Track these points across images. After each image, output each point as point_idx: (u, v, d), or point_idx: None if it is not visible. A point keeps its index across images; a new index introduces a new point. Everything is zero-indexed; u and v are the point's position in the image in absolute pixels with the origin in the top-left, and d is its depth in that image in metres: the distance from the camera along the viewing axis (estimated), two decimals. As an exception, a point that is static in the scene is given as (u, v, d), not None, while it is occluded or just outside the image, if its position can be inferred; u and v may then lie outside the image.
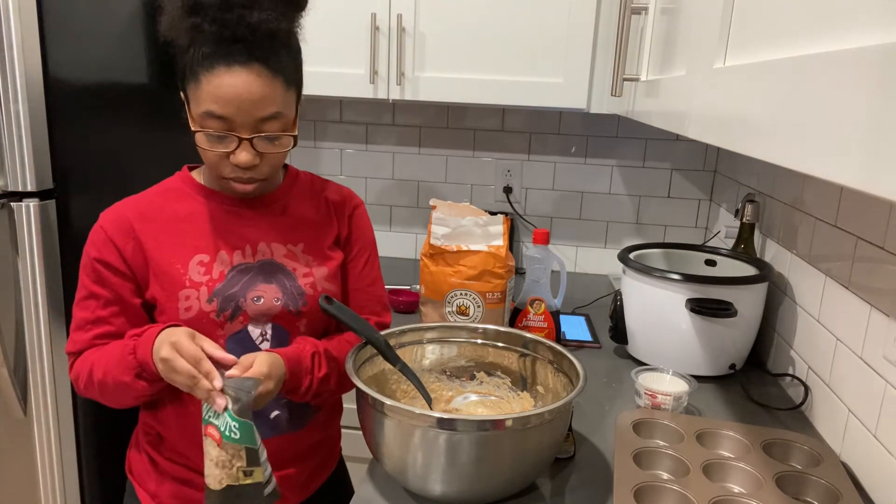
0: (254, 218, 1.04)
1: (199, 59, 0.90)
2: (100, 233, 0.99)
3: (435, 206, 1.81)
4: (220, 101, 0.89)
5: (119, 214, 1.00)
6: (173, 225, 1.01)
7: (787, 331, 1.34)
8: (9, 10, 1.33)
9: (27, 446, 1.52)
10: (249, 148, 0.92)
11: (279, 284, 1.02)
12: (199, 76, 0.90)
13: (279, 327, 1.03)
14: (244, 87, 0.89)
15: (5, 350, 1.46)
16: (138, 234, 0.99)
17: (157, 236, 1.00)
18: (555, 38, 1.66)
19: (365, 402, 0.92)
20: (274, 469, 0.95)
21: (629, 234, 2.11)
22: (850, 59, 0.38)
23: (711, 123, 0.68)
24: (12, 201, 1.41)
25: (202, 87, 0.89)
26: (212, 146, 0.93)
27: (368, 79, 1.73)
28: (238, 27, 0.88)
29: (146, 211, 1.01)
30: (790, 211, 1.38)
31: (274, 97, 0.91)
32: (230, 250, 1.01)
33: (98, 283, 0.99)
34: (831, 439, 1.11)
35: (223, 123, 0.91)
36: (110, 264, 0.99)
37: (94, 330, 1.00)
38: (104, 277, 0.99)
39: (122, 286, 0.99)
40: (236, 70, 0.88)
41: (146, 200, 1.03)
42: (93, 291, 1.00)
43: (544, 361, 1.08)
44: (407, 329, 1.12)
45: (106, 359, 0.97)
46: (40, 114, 1.41)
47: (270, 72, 0.90)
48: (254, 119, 0.91)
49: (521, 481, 0.92)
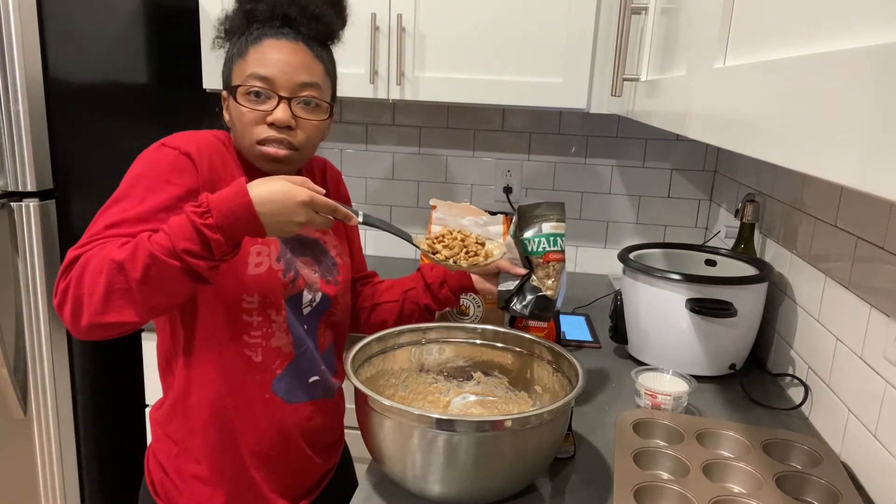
0: None
1: (249, 39, 0.98)
2: (175, 156, 0.94)
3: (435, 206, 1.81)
4: (265, 63, 0.97)
5: (201, 139, 0.98)
6: (240, 169, 1.02)
7: (787, 331, 1.34)
8: (9, 10, 1.33)
9: (27, 446, 1.52)
10: (287, 108, 0.98)
11: (314, 258, 1.09)
12: (246, 52, 0.98)
13: (325, 296, 1.08)
14: (289, 53, 0.98)
15: (5, 350, 1.46)
16: (219, 168, 0.98)
17: (232, 173, 1.00)
18: (555, 37, 1.66)
19: (364, 403, 0.92)
20: (307, 433, 1.08)
21: (629, 234, 2.11)
22: (850, 59, 0.38)
23: (711, 123, 0.68)
24: (12, 201, 1.41)
25: (248, 59, 0.98)
26: (253, 105, 0.97)
27: (368, 79, 1.73)
28: (290, 7, 0.98)
29: (221, 149, 1.01)
30: (790, 211, 1.38)
31: (315, 70, 1.00)
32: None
33: (158, 200, 0.91)
34: (831, 439, 1.11)
35: (265, 84, 0.97)
36: (186, 187, 0.93)
37: (127, 229, 0.88)
38: (168, 195, 0.92)
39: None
40: (283, 42, 0.98)
41: (214, 140, 1.01)
42: (144, 200, 0.91)
43: (543, 361, 1.08)
44: (406, 329, 1.12)
45: (141, 239, 0.83)
46: (40, 114, 1.41)
47: (313, 54, 1.01)
48: (294, 83, 0.98)
49: (520, 482, 0.92)
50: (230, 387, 1.02)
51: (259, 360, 1.02)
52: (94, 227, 0.89)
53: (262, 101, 0.98)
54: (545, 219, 1.09)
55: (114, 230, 0.88)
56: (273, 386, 1.03)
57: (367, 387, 0.90)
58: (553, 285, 1.10)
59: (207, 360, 1.01)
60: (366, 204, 2.20)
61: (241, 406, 1.02)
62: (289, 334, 1.03)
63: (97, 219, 0.91)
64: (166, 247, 0.81)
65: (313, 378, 1.08)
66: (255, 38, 0.99)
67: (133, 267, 0.81)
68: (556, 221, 1.10)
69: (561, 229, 1.10)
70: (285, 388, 1.04)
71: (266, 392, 1.03)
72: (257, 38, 0.99)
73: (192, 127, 1.02)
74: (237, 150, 1.04)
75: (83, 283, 0.82)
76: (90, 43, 1.56)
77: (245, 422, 1.03)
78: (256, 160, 1.02)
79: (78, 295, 0.83)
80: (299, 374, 1.06)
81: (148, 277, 0.81)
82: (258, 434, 1.04)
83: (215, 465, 1.03)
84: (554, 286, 1.10)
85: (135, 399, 1.69)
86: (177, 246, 0.81)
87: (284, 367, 1.04)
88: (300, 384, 1.06)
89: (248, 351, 1.01)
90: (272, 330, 1.02)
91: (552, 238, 1.09)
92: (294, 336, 1.04)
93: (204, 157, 0.96)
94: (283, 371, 1.04)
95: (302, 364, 1.06)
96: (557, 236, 1.09)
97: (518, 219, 1.11)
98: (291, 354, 1.04)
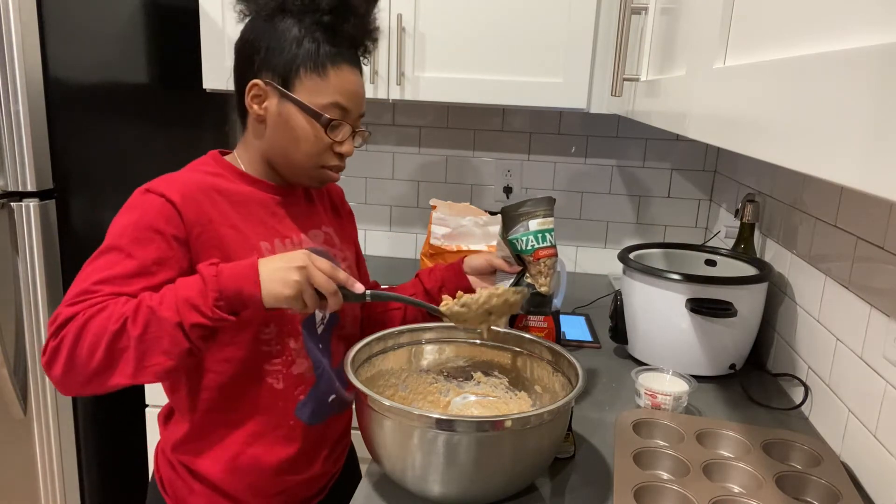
0: (292, 206, 1.05)
1: (324, 53, 0.96)
2: (161, 203, 0.90)
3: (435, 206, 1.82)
4: (347, 94, 0.98)
5: (183, 187, 0.93)
6: (237, 206, 0.98)
7: (787, 331, 1.34)
8: (9, 10, 1.33)
9: (27, 446, 1.52)
10: (352, 138, 1.02)
11: None
12: (325, 69, 0.96)
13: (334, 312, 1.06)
14: (361, 85, 1.01)
15: (5, 350, 1.46)
16: (208, 210, 0.94)
17: (227, 215, 0.96)
18: (555, 37, 1.66)
19: (363, 403, 0.92)
20: (323, 447, 1.08)
21: (629, 234, 2.11)
22: (850, 59, 0.38)
23: (711, 123, 0.68)
24: (12, 201, 1.41)
25: (330, 80, 0.96)
26: (332, 134, 0.98)
27: (368, 79, 1.73)
28: (367, 39, 1.01)
29: (207, 188, 0.96)
30: (790, 211, 1.38)
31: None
32: (282, 239, 1.01)
33: (148, 251, 0.88)
34: (831, 439, 1.11)
35: (343, 114, 0.98)
36: (173, 236, 0.90)
37: (118, 288, 0.86)
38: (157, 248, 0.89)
39: (175, 261, 0.90)
40: (356, 71, 1.00)
41: (198, 178, 0.97)
42: (133, 253, 0.88)
43: (542, 361, 1.08)
44: (406, 329, 1.12)
45: (138, 301, 0.83)
46: (40, 114, 1.41)
47: (362, 79, 1.03)
48: (359, 115, 1.02)
49: (520, 482, 0.92)
50: (249, 414, 1.00)
51: (281, 388, 1.00)
52: (84, 282, 0.86)
53: (335, 129, 0.98)
54: (531, 216, 1.09)
55: (106, 286, 0.85)
56: (297, 412, 1.02)
57: (367, 387, 0.90)
58: (546, 282, 1.10)
59: (224, 385, 0.98)
60: (366, 204, 2.20)
61: (260, 431, 1.01)
62: (308, 359, 1.02)
63: (86, 269, 0.88)
64: (177, 325, 0.82)
65: (332, 397, 1.07)
66: (334, 58, 0.96)
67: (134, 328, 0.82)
68: (544, 217, 1.09)
69: (549, 224, 1.09)
70: (309, 413, 1.03)
71: (290, 419, 1.02)
72: (336, 60, 0.96)
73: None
74: (249, 160, 1.02)
75: (80, 349, 0.82)
76: (90, 43, 1.56)
77: (265, 445, 1.01)
78: (306, 177, 1.02)
79: (73, 358, 0.82)
80: (320, 397, 1.05)
81: (153, 350, 0.83)
82: (278, 456, 1.02)
83: (227, 476, 1.02)
84: (547, 283, 1.10)
85: (135, 399, 1.69)
86: (186, 321, 0.82)
87: (307, 392, 1.03)
88: (321, 406, 1.05)
89: (269, 378, 0.99)
90: (292, 357, 1.00)
91: (540, 234, 1.09)
92: (313, 359, 1.03)
93: (189, 203, 0.92)
94: (306, 396, 1.03)
95: (321, 386, 1.05)
96: (546, 232, 1.09)
97: (503, 219, 1.11)
98: (312, 379, 1.03)
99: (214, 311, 0.83)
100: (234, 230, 0.95)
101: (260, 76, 0.96)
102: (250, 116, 1.00)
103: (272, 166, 1.03)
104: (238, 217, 0.97)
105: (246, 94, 0.97)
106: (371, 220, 2.21)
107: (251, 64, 0.97)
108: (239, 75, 1.00)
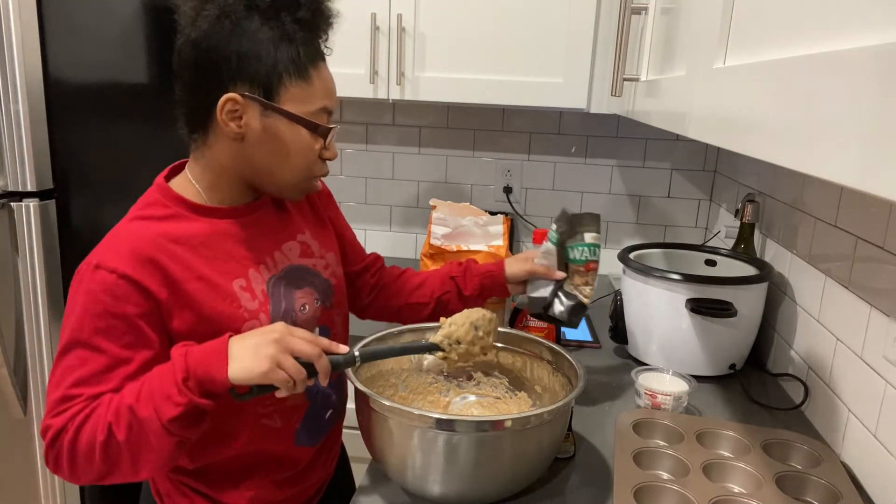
0: (261, 223, 0.96)
1: (304, 54, 0.86)
2: (114, 282, 0.80)
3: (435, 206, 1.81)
4: (330, 95, 0.90)
5: (133, 250, 0.82)
6: (200, 250, 0.88)
7: (787, 331, 1.34)
8: (9, 10, 1.33)
9: (27, 446, 1.52)
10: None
11: (310, 286, 0.99)
12: (308, 72, 0.86)
13: (324, 327, 1.02)
14: (332, 76, 0.91)
15: (5, 350, 1.46)
16: (169, 269, 0.84)
17: (190, 267, 0.86)
18: (555, 37, 1.66)
19: (364, 403, 0.92)
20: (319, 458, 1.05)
21: (629, 234, 2.11)
22: (850, 59, 0.38)
23: (711, 123, 0.68)
24: (12, 201, 1.41)
25: (314, 84, 0.87)
26: (321, 143, 0.90)
27: (368, 79, 1.73)
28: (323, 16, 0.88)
29: (160, 241, 0.85)
30: (790, 211, 1.38)
31: None
32: (256, 266, 0.93)
33: (113, 339, 0.81)
34: (831, 439, 1.11)
35: (328, 117, 0.91)
36: (137, 315, 0.82)
37: (96, 388, 0.81)
38: (123, 334, 0.82)
39: (148, 339, 0.83)
40: (326, 65, 0.90)
41: (149, 231, 0.86)
42: (100, 346, 0.81)
43: (542, 362, 1.08)
44: (406, 329, 1.12)
45: (118, 401, 0.79)
46: (40, 114, 1.41)
47: None
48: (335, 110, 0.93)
49: (520, 482, 0.92)
50: (248, 450, 0.96)
51: (279, 426, 0.97)
52: (60, 386, 0.81)
53: (327, 136, 0.90)
54: (587, 229, 1.14)
55: (84, 388, 0.80)
56: (296, 440, 1.00)
57: (367, 387, 0.90)
58: (590, 293, 1.15)
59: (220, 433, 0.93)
60: (366, 204, 2.20)
61: (261, 461, 0.98)
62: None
63: (57, 369, 0.82)
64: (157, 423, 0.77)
65: (329, 413, 1.05)
66: (313, 58, 0.87)
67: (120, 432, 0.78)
68: (596, 232, 1.15)
69: (598, 240, 1.15)
70: (307, 436, 1.01)
71: (290, 447, 1.00)
72: (314, 59, 0.87)
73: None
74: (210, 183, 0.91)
75: (77, 459, 0.80)
76: (90, 43, 1.56)
77: (266, 469, 0.99)
78: (294, 191, 0.94)
79: (74, 468, 0.81)
80: (316, 418, 1.02)
81: (142, 450, 0.79)
82: (278, 475, 1.01)
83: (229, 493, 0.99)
84: (590, 294, 1.15)
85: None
86: (162, 417, 0.77)
87: (302, 418, 1.00)
88: (318, 424, 1.03)
89: (264, 420, 0.95)
90: (283, 403, 0.95)
91: (592, 248, 1.14)
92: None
93: (146, 270, 0.82)
94: (301, 423, 1.00)
95: (315, 407, 1.01)
96: (596, 246, 1.15)
97: (566, 227, 1.14)
98: (306, 405, 0.99)
99: (183, 393, 0.76)
100: (202, 282, 0.86)
101: (234, 89, 0.84)
102: (218, 134, 0.87)
103: (247, 184, 0.93)
104: (203, 263, 0.87)
105: (218, 111, 0.84)
106: (371, 220, 2.21)
107: (216, 75, 0.84)
108: (198, 88, 0.85)
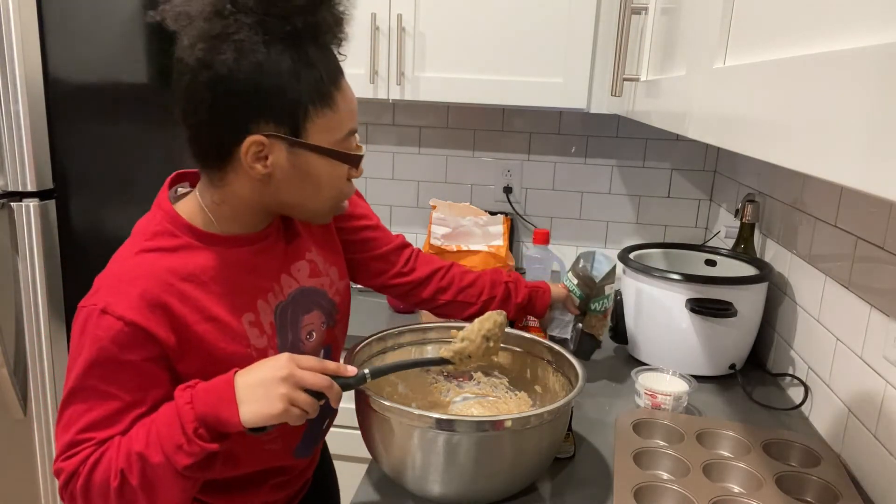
0: (272, 248, 0.91)
1: (327, 76, 0.79)
2: (120, 329, 0.76)
3: (435, 206, 1.82)
4: (353, 115, 0.83)
5: (143, 295, 0.78)
6: (210, 286, 0.83)
7: (787, 331, 1.34)
8: (9, 10, 1.33)
9: (27, 446, 1.52)
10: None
11: (318, 308, 0.95)
12: (333, 99, 0.80)
13: (328, 347, 1.00)
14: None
15: (5, 350, 1.46)
16: (179, 312, 0.80)
17: (201, 307, 0.82)
18: (555, 37, 1.66)
19: (364, 403, 0.92)
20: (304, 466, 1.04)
21: (629, 234, 2.11)
22: (850, 59, 0.38)
23: (711, 123, 0.68)
24: (12, 201, 1.41)
25: (339, 108, 0.81)
26: (354, 167, 0.85)
27: (368, 79, 1.73)
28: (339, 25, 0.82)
29: (170, 280, 0.80)
30: (790, 211, 1.38)
31: None
32: (264, 295, 0.89)
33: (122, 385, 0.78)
34: (831, 439, 1.11)
35: (355, 138, 0.85)
36: (145, 359, 0.78)
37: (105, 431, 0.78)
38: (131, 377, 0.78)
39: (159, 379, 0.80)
40: (343, 74, 0.83)
41: (157, 268, 0.80)
42: (108, 392, 0.78)
43: (543, 361, 1.08)
44: (406, 329, 1.12)
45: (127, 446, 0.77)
46: (40, 114, 1.41)
47: None
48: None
49: (520, 482, 0.92)
50: (247, 471, 0.95)
51: (278, 448, 0.95)
52: (69, 431, 0.78)
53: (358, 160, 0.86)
54: (607, 282, 1.26)
55: (94, 433, 0.78)
56: (294, 454, 0.99)
57: (367, 386, 0.90)
58: (603, 331, 1.31)
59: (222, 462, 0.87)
60: (366, 204, 2.20)
61: (259, 474, 0.97)
62: None
63: (65, 414, 0.79)
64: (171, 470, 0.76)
65: (325, 423, 1.04)
66: (334, 77, 0.80)
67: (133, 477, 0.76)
68: (612, 282, 1.28)
69: (612, 286, 1.29)
70: (305, 448, 1.01)
71: (289, 462, 0.99)
72: (335, 78, 0.80)
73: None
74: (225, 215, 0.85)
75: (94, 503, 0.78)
76: (90, 43, 1.56)
77: (264, 478, 0.98)
78: (324, 218, 0.90)
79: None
80: (314, 430, 1.01)
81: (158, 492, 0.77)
82: (276, 481, 1.00)
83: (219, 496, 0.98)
84: (604, 331, 1.31)
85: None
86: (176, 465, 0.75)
87: (301, 436, 0.98)
88: (316, 436, 1.02)
89: (267, 446, 0.93)
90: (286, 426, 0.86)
91: (608, 298, 1.29)
92: None
93: (155, 315, 0.78)
94: (300, 440, 0.98)
95: (313, 422, 0.93)
96: (610, 295, 1.29)
97: (589, 291, 1.25)
98: (305, 423, 0.89)
99: (194, 443, 0.74)
100: (212, 323, 0.82)
101: (257, 129, 0.77)
102: (239, 173, 0.81)
103: (268, 213, 0.89)
104: (213, 301, 0.83)
105: (243, 155, 0.78)
106: (371, 220, 2.21)
107: (237, 116, 0.77)
108: (215, 129, 0.79)
